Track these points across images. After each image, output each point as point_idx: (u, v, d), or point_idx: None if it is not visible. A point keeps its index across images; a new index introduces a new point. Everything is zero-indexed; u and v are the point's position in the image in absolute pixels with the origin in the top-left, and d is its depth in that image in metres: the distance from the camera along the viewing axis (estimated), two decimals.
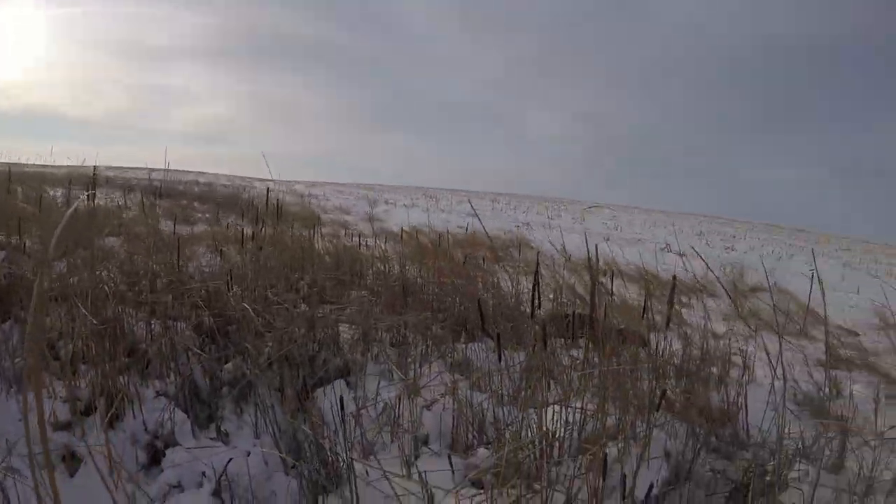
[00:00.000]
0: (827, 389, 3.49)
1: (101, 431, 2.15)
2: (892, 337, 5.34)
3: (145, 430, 2.37)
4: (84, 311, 2.41)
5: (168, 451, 2.29)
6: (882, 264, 18.29)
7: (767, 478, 1.93)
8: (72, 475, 2.12)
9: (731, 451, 2.46)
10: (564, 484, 1.79)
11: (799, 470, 2.05)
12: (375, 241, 5.15)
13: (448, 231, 5.78)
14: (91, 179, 3.40)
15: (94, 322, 2.42)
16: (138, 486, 2.12)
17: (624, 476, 1.79)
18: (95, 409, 2.36)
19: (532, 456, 2.04)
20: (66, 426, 2.29)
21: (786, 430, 1.92)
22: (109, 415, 2.29)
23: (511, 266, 4.42)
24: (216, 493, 2.11)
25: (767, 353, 2.59)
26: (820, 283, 2.33)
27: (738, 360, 3.64)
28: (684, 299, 5.13)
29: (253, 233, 3.27)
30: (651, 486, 1.87)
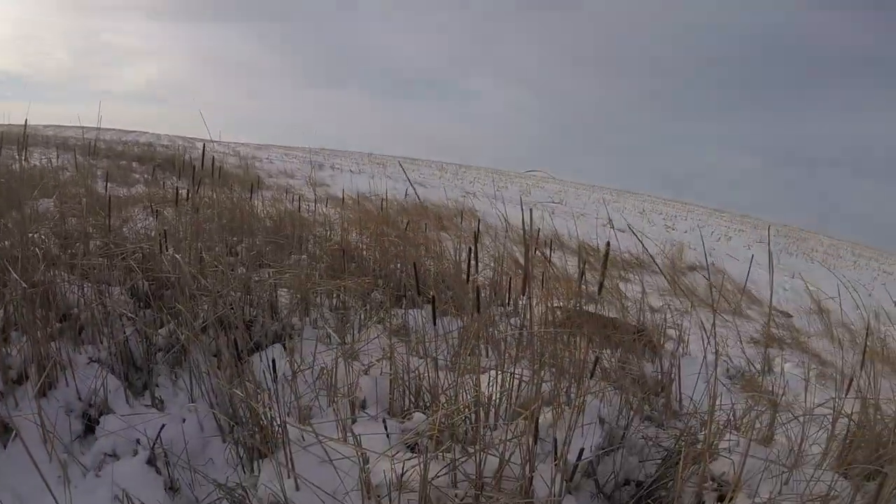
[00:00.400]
0: (760, 366, 3.62)
1: (33, 400, 2.08)
2: (823, 320, 5.60)
3: (79, 398, 2.31)
4: (15, 275, 2.31)
5: (102, 419, 2.24)
6: (818, 252, 19.11)
7: (699, 446, 1.98)
8: (4, 446, 2.06)
9: (664, 419, 2.52)
10: (498, 448, 1.81)
11: (729, 440, 2.10)
12: (316, 206, 5.08)
13: (394, 197, 5.76)
14: (23, 138, 3.24)
15: (25, 286, 2.32)
16: (72, 455, 2.07)
17: (556, 440, 1.81)
18: (27, 377, 2.29)
19: (467, 420, 2.05)
20: None
21: (717, 402, 1.97)
22: (41, 383, 2.22)
23: (455, 234, 4.42)
24: (151, 460, 2.07)
25: (703, 328, 2.66)
26: (770, 265, 2.39)
27: (672, 333, 3.74)
28: (623, 273, 5.23)
29: (188, 192, 3.18)
30: (581, 450, 1.91)
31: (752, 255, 2.70)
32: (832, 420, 2.14)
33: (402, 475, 1.79)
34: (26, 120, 3.25)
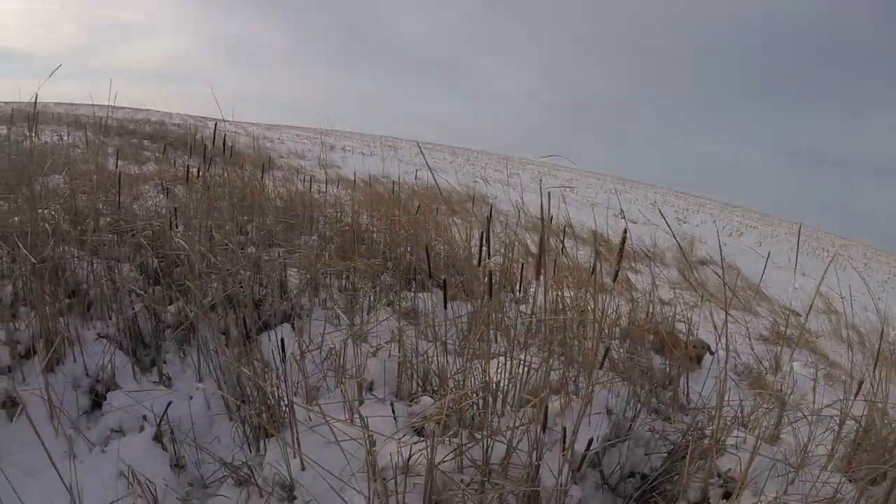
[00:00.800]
0: (768, 364, 3.59)
1: (40, 375, 2.08)
2: (832, 320, 5.56)
3: (86, 373, 2.31)
4: (24, 250, 2.31)
5: (109, 395, 2.24)
6: (829, 252, 18.99)
7: (706, 441, 1.96)
8: (11, 420, 2.06)
9: (671, 413, 2.50)
10: (506, 435, 1.80)
11: (737, 437, 2.08)
12: (327, 187, 5.07)
13: (405, 181, 5.73)
14: (34, 114, 3.23)
15: (34, 261, 2.32)
16: (79, 431, 2.07)
17: (564, 429, 1.80)
18: (35, 352, 2.29)
19: (475, 406, 2.04)
20: (5, 370, 2.22)
21: (725, 398, 1.95)
22: (49, 358, 2.23)
23: (466, 220, 4.41)
24: (157, 437, 2.07)
25: (714, 324, 2.64)
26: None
27: (682, 326, 3.71)
28: (633, 265, 5.21)
29: (198, 171, 3.17)
30: (591, 441, 1.89)
31: (769, 252, 2.68)
32: (839, 422, 2.12)
33: (409, 458, 1.79)
34: (36, 96, 3.25)
